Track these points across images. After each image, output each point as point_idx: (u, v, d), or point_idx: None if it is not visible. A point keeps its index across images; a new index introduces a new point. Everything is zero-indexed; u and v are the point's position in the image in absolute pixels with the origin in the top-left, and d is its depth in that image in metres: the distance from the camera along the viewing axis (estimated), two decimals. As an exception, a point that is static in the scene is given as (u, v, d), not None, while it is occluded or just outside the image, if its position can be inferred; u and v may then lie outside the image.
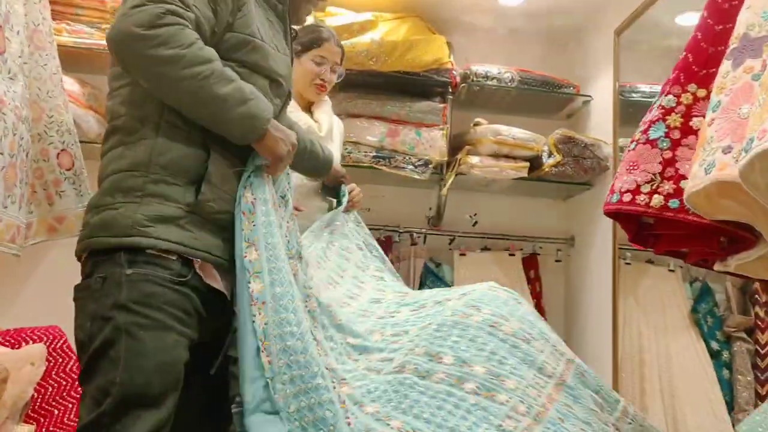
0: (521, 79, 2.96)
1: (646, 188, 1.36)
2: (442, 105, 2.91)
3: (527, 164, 2.91)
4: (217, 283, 1.30)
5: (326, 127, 2.23)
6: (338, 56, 2.21)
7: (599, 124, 2.97)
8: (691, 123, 1.36)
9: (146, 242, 1.21)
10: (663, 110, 1.39)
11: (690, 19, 2.64)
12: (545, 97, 3.06)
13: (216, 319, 1.32)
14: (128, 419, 1.14)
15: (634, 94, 2.82)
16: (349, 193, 2.03)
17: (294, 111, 2.13)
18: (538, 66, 3.09)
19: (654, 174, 1.36)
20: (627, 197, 1.38)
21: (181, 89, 1.22)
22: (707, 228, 1.31)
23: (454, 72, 2.92)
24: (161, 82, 1.22)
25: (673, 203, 1.32)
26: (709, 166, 1.13)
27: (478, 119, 2.95)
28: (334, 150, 2.28)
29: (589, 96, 3.05)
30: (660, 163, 1.36)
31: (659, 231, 1.47)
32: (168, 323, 1.20)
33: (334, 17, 2.80)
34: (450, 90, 2.93)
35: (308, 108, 2.25)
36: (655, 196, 1.34)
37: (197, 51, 1.22)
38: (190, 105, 1.25)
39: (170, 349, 1.20)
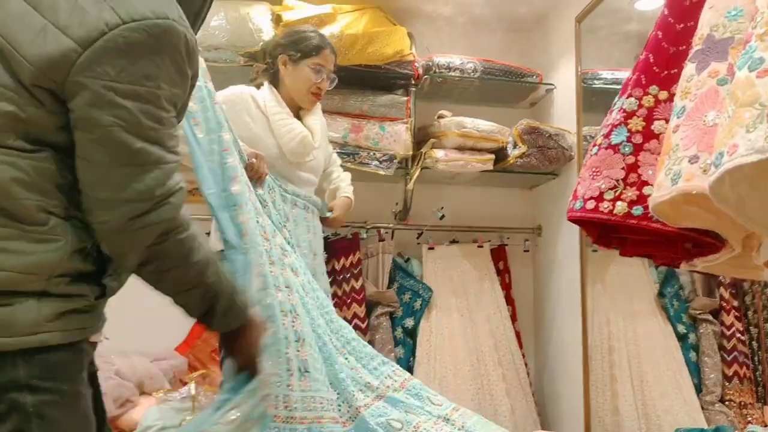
0: (484, 69, 2.92)
1: (609, 195, 1.33)
2: (405, 98, 2.85)
3: (492, 157, 2.88)
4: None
5: (319, 136, 2.20)
6: (333, 63, 2.16)
7: (562, 112, 2.96)
8: (652, 127, 1.33)
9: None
10: (624, 113, 1.37)
11: (648, 4, 2.65)
12: (508, 87, 3.03)
13: None
14: None
15: (596, 81, 2.81)
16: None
17: (286, 117, 2.07)
18: (500, 54, 3.06)
19: (617, 180, 1.33)
20: (590, 204, 1.36)
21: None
22: (671, 234, 1.29)
23: (417, 64, 2.86)
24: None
25: (637, 210, 1.30)
26: (675, 175, 1.11)
27: (441, 111, 2.91)
28: (320, 152, 2.23)
29: (552, 84, 3.03)
30: (623, 168, 1.34)
31: (624, 235, 1.46)
32: (76, 390, 1.04)
33: (293, 10, 2.71)
34: (413, 82, 2.87)
35: (297, 112, 2.18)
36: (619, 203, 1.32)
37: None
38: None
39: (84, 419, 1.06)
